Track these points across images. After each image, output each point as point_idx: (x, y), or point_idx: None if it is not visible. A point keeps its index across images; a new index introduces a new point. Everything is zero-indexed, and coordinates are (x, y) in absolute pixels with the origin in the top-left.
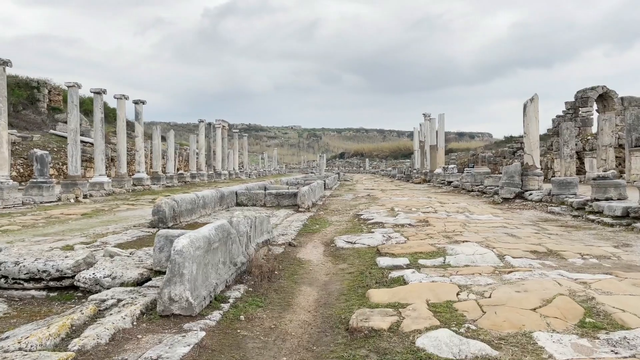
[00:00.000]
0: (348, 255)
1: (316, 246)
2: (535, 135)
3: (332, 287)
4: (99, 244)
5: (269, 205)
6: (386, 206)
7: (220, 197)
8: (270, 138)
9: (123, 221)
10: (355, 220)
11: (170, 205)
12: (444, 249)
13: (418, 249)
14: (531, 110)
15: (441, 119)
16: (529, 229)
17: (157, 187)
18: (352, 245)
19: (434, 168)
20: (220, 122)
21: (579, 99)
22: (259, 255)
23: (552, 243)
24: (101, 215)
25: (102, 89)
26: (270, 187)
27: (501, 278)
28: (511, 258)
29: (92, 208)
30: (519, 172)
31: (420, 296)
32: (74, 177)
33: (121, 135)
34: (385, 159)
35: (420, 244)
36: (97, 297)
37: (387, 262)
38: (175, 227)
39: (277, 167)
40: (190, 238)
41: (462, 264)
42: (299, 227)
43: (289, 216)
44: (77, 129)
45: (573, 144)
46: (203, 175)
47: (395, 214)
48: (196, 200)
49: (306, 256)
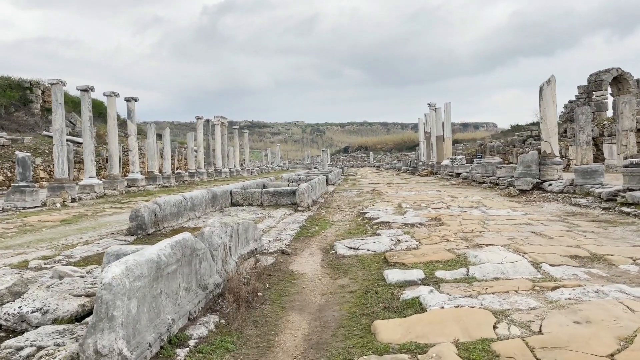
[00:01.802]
0: (350, 266)
1: (313, 253)
2: (553, 121)
3: (328, 314)
4: (61, 258)
5: (267, 204)
6: (392, 202)
7: (212, 198)
8: (274, 134)
9: (103, 227)
10: (359, 220)
11: (151, 210)
12: (464, 255)
13: (433, 257)
14: (548, 94)
15: (447, 108)
16: (557, 225)
17: (153, 188)
18: (355, 252)
19: (441, 159)
20: (219, 119)
21: (593, 83)
22: (243, 270)
23: (592, 244)
24: (82, 221)
25: (90, 86)
26: (270, 184)
27: (545, 297)
28: (549, 267)
29: (75, 213)
30: (536, 161)
31: (444, 332)
32: (60, 179)
33: (112, 134)
34: (389, 151)
35: (435, 249)
36: (12, 343)
37: (398, 276)
38: (158, 233)
39: (280, 163)
40: (126, 264)
41: (490, 277)
42: (295, 230)
43: (286, 217)
44: (62, 128)
45: (589, 130)
46: (202, 174)
47: (403, 212)
48: (183, 202)
49: (300, 267)
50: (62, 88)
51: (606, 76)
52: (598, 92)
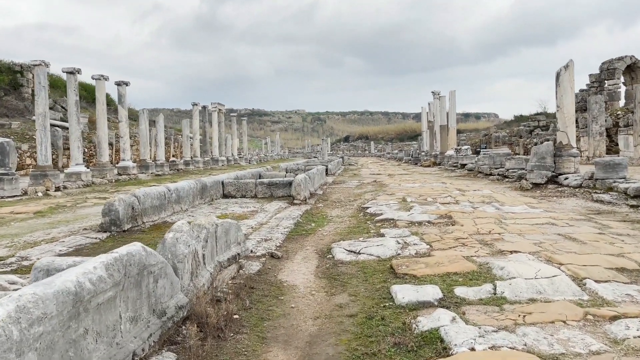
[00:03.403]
0: (350, 276)
1: (307, 258)
2: (571, 109)
3: (320, 350)
4: (13, 261)
5: (261, 196)
6: (396, 195)
7: (201, 189)
8: (274, 123)
9: (78, 221)
10: (360, 216)
11: (128, 203)
12: (487, 266)
13: (450, 267)
14: (566, 80)
15: (452, 96)
16: (585, 226)
17: (145, 177)
18: (356, 257)
19: (445, 150)
20: (216, 105)
21: (605, 71)
22: (220, 282)
23: (636, 251)
24: (58, 213)
25: (77, 69)
26: (266, 174)
27: (606, 333)
28: (595, 284)
29: (54, 204)
30: (551, 152)
31: None
32: (43, 167)
33: (101, 119)
34: (390, 141)
35: (450, 256)
36: None
37: (409, 295)
38: (135, 229)
39: (280, 152)
40: (18, 302)
41: (524, 297)
42: (289, 228)
43: (280, 211)
44: (46, 112)
45: (603, 120)
46: (198, 162)
47: (408, 207)
48: (166, 194)
49: (291, 277)
50: (45, 70)
51: (619, 64)
52: (611, 80)
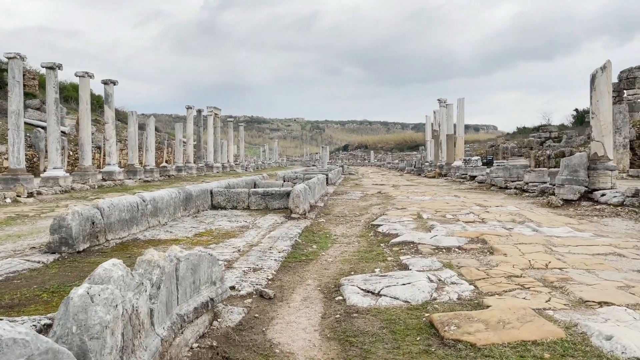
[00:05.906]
0: (372, 340)
1: (309, 299)
2: (608, 116)
3: None
4: None
5: (254, 208)
6: (409, 210)
7: (185, 199)
8: (273, 130)
9: (32, 235)
10: (371, 235)
11: (86, 217)
12: (578, 330)
13: (523, 331)
14: (602, 83)
15: (460, 104)
16: None
17: (132, 183)
18: (376, 302)
19: (451, 160)
20: (211, 109)
21: (624, 80)
22: (176, 352)
23: None
24: (14, 224)
25: (57, 64)
26: (261, 183)
27: None
28: None
29: (16, 212)
30: (584, 165)
31: None
32: (15, 170)
33: (84, 120)
34: (390, 151)
35: (514, 308)
36: None
37: None
38: (95, 249)
39: (278, 159)
40: None
41: None
42: (285, 251)
43: (276, 227)
44: (19, 110)
45: (627, 131)
46: (192, 168)
47: (426, 225)
48: (140, 205)
49: (285, 337)
50: (21, 63)
51: None
52: (630, 90)
